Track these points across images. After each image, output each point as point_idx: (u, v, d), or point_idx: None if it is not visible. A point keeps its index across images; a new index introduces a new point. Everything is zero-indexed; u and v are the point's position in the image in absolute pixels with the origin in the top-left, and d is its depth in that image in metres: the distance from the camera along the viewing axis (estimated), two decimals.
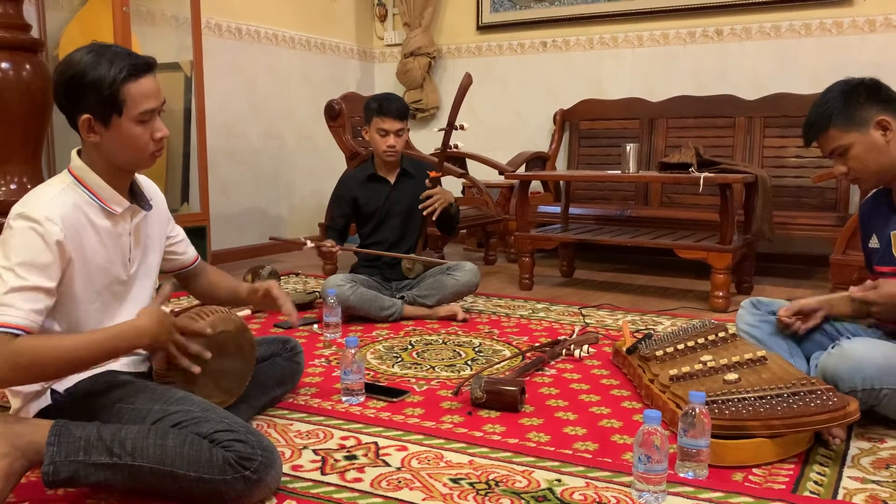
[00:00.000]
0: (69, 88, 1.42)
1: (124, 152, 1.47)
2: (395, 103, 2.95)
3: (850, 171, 1.82)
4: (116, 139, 1.45)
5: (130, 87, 1.42)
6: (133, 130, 1.45)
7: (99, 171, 1.48)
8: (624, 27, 4.61)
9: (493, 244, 4.38)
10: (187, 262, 1.81)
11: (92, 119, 1.43)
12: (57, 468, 1.31)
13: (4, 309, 1.31)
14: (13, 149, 2.92)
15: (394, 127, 2.90)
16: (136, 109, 1.44)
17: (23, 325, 1.32)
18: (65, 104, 1.45)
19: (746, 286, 3.44)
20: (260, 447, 1.35)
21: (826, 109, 1.80)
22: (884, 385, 1.65)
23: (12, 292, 1.32)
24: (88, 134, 1.44)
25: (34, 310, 1.34)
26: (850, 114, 1.78)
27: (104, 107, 1.42)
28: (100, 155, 1.47)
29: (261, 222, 4.64)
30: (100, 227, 1.48)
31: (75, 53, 1.44)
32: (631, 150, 3.33)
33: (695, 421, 1.46)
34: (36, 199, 1.42)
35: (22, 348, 1.31)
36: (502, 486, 1.46)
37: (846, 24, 4.02)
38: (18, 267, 1.33)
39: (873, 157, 1.78)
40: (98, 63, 1.41)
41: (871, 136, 1.77)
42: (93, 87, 1.40)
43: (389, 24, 5.50)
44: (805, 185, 3.93)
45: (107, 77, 1.40)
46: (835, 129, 1.79)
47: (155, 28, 3.88)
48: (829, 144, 1.82)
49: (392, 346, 2.52)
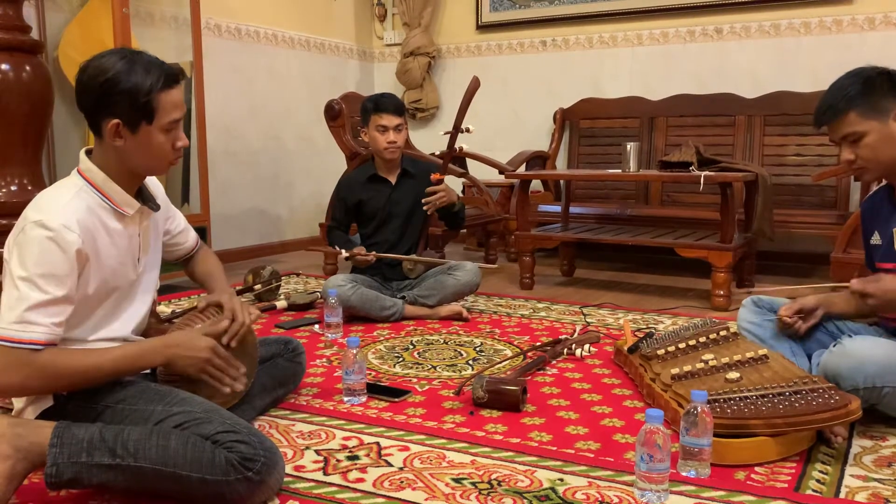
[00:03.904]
0: (102, 93, 1.41)
1: (145, 159, 1.49)
2: (392, 99, 2.96)
3: (858, 160, 1.78)
4: (141, 146, 1.46)
5: (163, 96, 1.44)
6: (158, 138, 1.46)
7: (111, 173, 1.48)
8: (623, 26, 4.61)
9: (494, 244, 4.38)
10: (189, 249, 1.83)
11: (121, 124, 1.43)
12: (59, 470, 1.31)
13: (26, 326, 1.33)
14: (13, 150, 2.92)
15: (392, 122, 2.90)
16: (166, 119, 1.46)
17: (44, 341, 1.35)
18: (91, 107, 1.44)
19: (747, 284, 3.44)
20: (262, 448, 1.35)
21: (848, 93, 1.76)
22: (885, 383, 1.65)
23: (35, 308, 1.33)
24: (114, 138, 1.44)
25: (55, 323, 1.36)
26: (871, 101, 1.74)
27: (136, 113, 1.43)
28: (117, 158, 1.48)
29: (261, 222, 4.64)
30: (112, 230, 1.49)
31: (106, 59, 1.43)
32: (631, 148, 3.34)
33: (697, 420, 1.46)
34: (51, 204, 1.42)
35: (49, 362, 1.35)
36: (505, 486, 1.46)
37: (846, 23, 4.02)
38: (39, 279, 1.34)
39: (886, 149, 1.75)
40: (132, 70, 1.41)
41: (890, 128, 1.74)
42: (128, 94, 1.41)
43: (389, 23, 5.50)
44: (805, 184, 3.93)
45: (144, 85, 1.41)
46: (854, 113, 1.75)
47: (154, 29, 3.88)
48: (844, 129, 1.78)
49: (393, 346, 2.52)
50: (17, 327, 1.32)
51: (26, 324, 1.33)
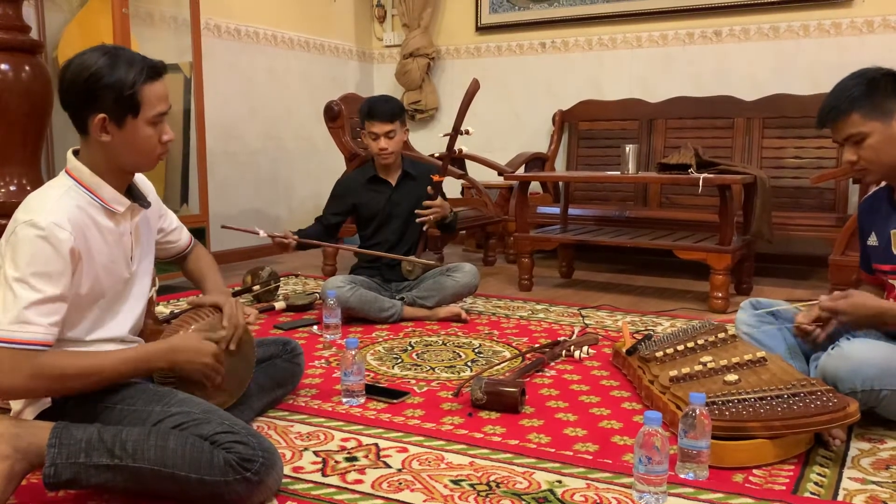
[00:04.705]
0: (86, 88, 1.42)
1: (133, 154, 1.49)
2: (383, 105, 2.93)
3: (860, 161, 1.78)
4: (128, 140, 1.46)
5: (147, 89, 1.45)
6: (145, 132, 1.47)
7: (100, 171, 1.48)
8: (623, 28, 4.62)
9: (493, 245, 4.38)
10: (183, 248, 1.84)
11: (107, 119, 1.43)
12: (58, 470, 1.31)
13: (24, 326, 1.32)
14: (12, 150, 2.91)
15: (382, 130, 2.89)
16: (151, 111, 1.46)
17: (43, 341, 1.34)
18: (77, 104, 1.44)
19: (745, 287, 3.45)
20: (261, 449, 1.35)
21: (851, 94, 1.75)
22: (883, 386, 1.65)
23: (30, 307, 1.33)
24: (101, 133, 1.44)
25: (52, 323, 1.36)
26: (875, 102, 1.74)
27: (121, 107, 1.43)
28: (105, 155, 1.48)
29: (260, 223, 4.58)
30: (103, 228, 1.48)
31: (87, 55, 1.44)
32: (630, 150, 3.34)
33: (695, 422, 1.46)
34: (40, 203, 1.41)
35: (46, 364, 1.34)
36: (503, 488, 1.46)
37: (845, 26, 4.02)
38: (32, 278, 1.34)
39: (889, 150, 1.75)
40: (115, 64, 1.42)
41: (893, 129, 1.74)
42: (112, 88, 1.41)
43: (388, 25, 5.51)
44: (804, 186, 3.93)
45: (127, 78, 1.42)
46: (858, 114, 1.75)
47: (154, 29, 3.87)
48: (847, 130, 1.77)
49: (392, 348, 2.52)
50: (16, 327, 1.32)
51: (24, 323, 1.32)
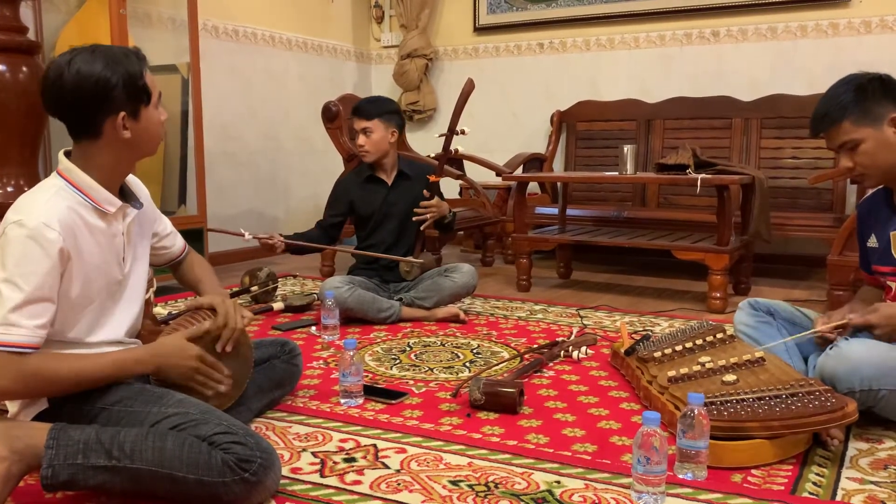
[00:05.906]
0: (96, 93, 1.40)
1: (148, 141, 1.51)
2: (366, 104, 2.97)
3: (857, 167, 1.79)
4: (143, 129, 1.48)
5: (147, 73, 1.48)
6: (155, 115, 1.51)
7: (93, 172, 1.46)
8: (620, 29, 4.62)
9: (491, 246, 4.38)
10: (176, 254, 1.82)
11: (125, 115, 1.44)
12: (55, 471, 1.31)
13: (10, 328, 1.32)
14: (10, 151, 2.91)
15: (360, 125, 2.93)
16: (155, 93, 1.50)
17: (30, 343, 1.34)
18: (90, 111, 1.42)
19: (744, 287, 3.45)
20: (259, 449, 1.35)
21: (841, 101, 1.76)
22: (882, 386, 1.65)
23: (16, 309, 1.32)
24: (122, 131, 1.44)
25: (38, 325, 1.35)
26: (865, 108, 1.75)
27: (136, 100, 1.45)
28: (118, 153, 1.47)
29: (258, 224, 4.63)
30: (94, 228, 1.47)
31: (74, 65, 1.39)
32: (628, 151, 3.34)
33: (693, 422, 1.46)
34: (30, 204, 1.40)
35: (32, 367, 1.34)
36: (501, 488, 1.46)
37: (842, 26, 4.03)
38: (19, 278, 1.33)
39: (884, 155, 1.76)
40: (113, 62, 1.42)
41: (885, 133, 1.74)
42: (124, 85, 1.42)
43: (386, 25, 5.50)
44: (802, 186, 3.94)
45: (136, 69, 1.44)
46: (849, 121, 1.76)
47: (152, 30, 3.87)
48: (840, 137, 1.78)
49: (390, 348, 2.52)
50: (1, 330, 1.31)
51: (9, 325, 1.32)
